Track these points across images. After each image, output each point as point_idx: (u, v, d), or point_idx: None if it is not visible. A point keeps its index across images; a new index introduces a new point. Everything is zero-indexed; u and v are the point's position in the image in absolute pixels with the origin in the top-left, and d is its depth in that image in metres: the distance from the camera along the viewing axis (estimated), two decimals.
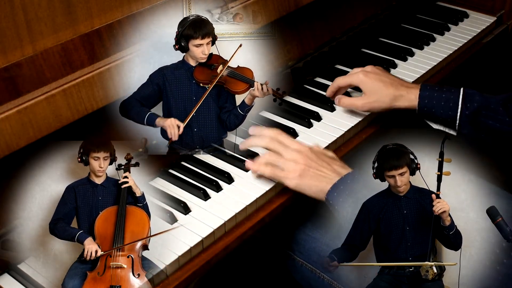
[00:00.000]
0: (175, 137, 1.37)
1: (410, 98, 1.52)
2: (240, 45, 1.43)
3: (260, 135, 1.46)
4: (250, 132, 1.48)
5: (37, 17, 1.26)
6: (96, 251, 1.17)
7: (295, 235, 1.56)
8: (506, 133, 1.45)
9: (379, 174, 1.19)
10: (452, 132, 1.48)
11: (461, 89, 1.48)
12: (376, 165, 1.19)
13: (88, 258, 1.17)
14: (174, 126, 1.37)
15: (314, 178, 1.36)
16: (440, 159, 1.16)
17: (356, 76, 1.58)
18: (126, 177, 1.26)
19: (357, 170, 1.35)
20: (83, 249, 1.18)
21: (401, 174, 1.16)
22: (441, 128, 1.48)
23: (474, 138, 1.41)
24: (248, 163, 1.44)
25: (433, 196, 1.14)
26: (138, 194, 1.26)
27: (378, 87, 1.54)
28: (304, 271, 1.53)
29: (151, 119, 1.37)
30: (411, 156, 1.18)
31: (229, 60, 1.42)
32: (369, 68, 1.60)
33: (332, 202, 1.31)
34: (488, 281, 1.17)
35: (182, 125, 1.38)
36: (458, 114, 1.45)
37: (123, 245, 1.18)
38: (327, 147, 1.55)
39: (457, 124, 1.45)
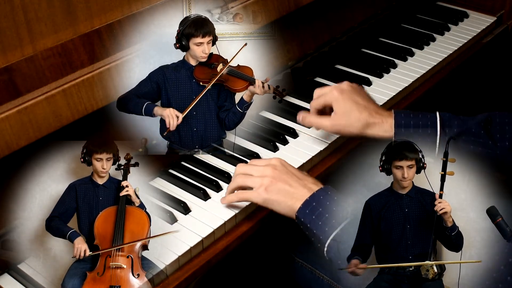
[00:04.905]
0: (173, 127, 1.36)
1: (385, 128, 1.42)
2: (245, 44, 1.42)
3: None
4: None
5: (37, 17, 1.26)
6: (85, 251, 1.17)
7: (295, 236, 1.56)
8: (490, 156, 1.39)
9: (386, 167, 1.18)
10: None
11: (437, 114, 1.41)
12: (384, 157, 1.19)
13: (77, 257, 1.17)
14: (173, 116, 1.36)
15: (283, 193, 1.26)
16: (445, 159, 1.16)
17: (331, 93, 1.46)
18: (126, 185, 1.26)
19: (330, 186, 1.27)
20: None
21: (409, 167, 1.17)
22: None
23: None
24: (221, 199, 1.36)
25: (436, 195, 1.14)
26: (136, 203, 1.25)
27: (351, 110, 1.42)
28: (303, 271, 1.53)
29: (149, 109, 1.36)
30: (420, 155, 1.18)
31: (231, 59, 1.42)
32: (344, 85, 1.48)
33: (303, 220, 1.23)
34: (488, 281, 1.17)
35: (181, 116, 1.37)
36: (437, 141, 1.38)
37: (122, 244, 1.18)
38: (328, 148, 1.55)
39: (436, 153, 1.35)
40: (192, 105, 1.39)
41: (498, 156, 1.39)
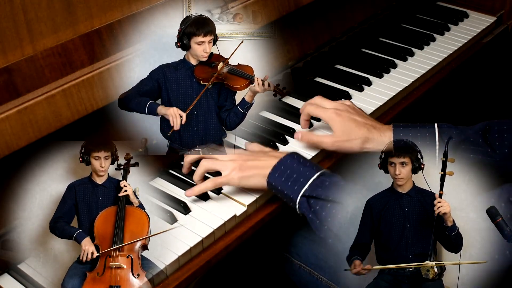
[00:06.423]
0: (177, 126, 1.36)
1: (383, 141, 1.42)
2: (242, 41, 1.42)
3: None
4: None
5: (37, 17, 1.26)
6: (92, 253, 1.17)
7: (293, 237, 1.56)
8: (490, 164, 1.40)
9: (384, 164, 1.19)
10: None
11: (435, 125, 1.43)
12: (384, 155, 1.19)
13: (84, 260, 1.17)
14: (176, 116, 1.36)
15: (255, 167, 1.36)
16: (444, 159, 1.16)
17: (329, 114, 1.49)
18: (124, 185, 1.25)
19: (296, 152, 1.36)
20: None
21: (402, 164, 1.17)
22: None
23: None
24: (187, 191, 1.39)
25: (436, 195, 1.14)
26: (135, 204, 1.25)
27: (350, 127, 1.47)
28: (302, 273, 1.53)
29: (152, 108, 1.36)
30: (418, 155, 1.19)
31: (230, 56, 1.42)
32: (342, 106, 1.51)
33: (274, 184, 1.32)
34: (488, 281, 1.17)
35: (184, 115, 1.37)
36: (437, 151, 1.39)
37: (122, 245, 1.18)
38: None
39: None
40: (194, 104, 1.39)
41: (498, 164, 1.40)
